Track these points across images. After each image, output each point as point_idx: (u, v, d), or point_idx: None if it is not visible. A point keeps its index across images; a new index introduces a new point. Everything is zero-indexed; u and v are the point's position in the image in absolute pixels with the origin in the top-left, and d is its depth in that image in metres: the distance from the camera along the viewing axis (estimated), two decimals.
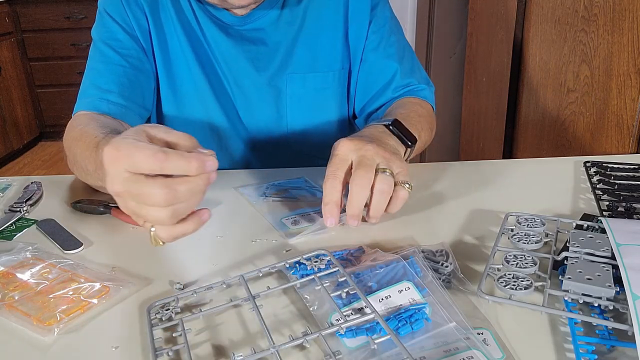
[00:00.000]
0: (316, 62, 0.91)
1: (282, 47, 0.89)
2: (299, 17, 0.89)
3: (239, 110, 0.92)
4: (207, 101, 0.91)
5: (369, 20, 0.90)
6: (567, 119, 1.62)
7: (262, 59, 0.89)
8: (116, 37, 0.85)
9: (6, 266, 0.59)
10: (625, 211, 0.67)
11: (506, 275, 0.52)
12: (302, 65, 0.90)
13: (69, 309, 0.52)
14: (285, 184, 0.80)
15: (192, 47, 0.88)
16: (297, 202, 0.74)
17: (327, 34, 0.90)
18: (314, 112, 0.93)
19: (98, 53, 0.86)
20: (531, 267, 0.53)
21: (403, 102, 0.88)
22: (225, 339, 0.48)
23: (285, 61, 0.89)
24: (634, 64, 1.42)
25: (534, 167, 0.86)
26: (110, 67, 0.84)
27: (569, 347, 0.45)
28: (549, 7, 1.58)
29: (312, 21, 0.89)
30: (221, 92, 0.91)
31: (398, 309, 0.48)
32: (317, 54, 0.90)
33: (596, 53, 1.49)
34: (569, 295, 0.48)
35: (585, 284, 0.48)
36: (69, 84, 3.46)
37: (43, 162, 3.32)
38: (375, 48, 0.91)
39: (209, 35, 0.87)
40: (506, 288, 0.50)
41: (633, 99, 1.45)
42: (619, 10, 1.42)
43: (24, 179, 0.84)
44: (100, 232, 0.68)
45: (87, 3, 3.30)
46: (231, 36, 0.87)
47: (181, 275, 0.58)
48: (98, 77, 0.84)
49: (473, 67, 2.03)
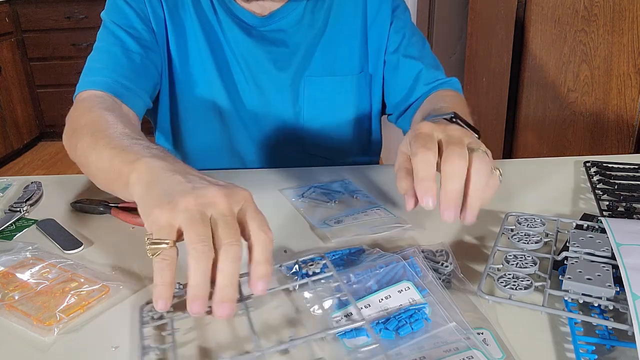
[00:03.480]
0: (334, 66, 0.91)
1: (301, 49, 0.89)
2: (321, 20, 0.89)
3: (256, 109, 0.91)
4: (219, 101, 0.90)
5: (390, 22, 0.91)
6: (567, 119, 1.62)
7: (283, 60, 0.89)
8: (130, 22, 0.84)
9: (6, 266, 0.59)
10: (625, 211, 0.67)
11: (506, 275, 0.52)
12: (321, 68, 0.90)
13: (69, 308, 0.52)
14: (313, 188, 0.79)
15: (209, 46, 0.87)
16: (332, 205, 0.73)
17: (346, 38, 0.90)
18: (330, 115, 0.93)
19: (110, 35, 0.83)
20: (531, 267, 0.53)
21: (441, 95, 0.86)
22: (212, 341, 0.47)
23: (304, 63, 0.90)
24: (634, 64, 1.42)
25: (534, 167, 0.86)
26: (121, 49, 0.82)
27: (569, 347, 0.45)
28: (549, 7, 1.58)
29: (333, 25, 0.89)
30: (235, 92, 0.90)
31: (398, 309, 0.48)
32: (335, 58, 0.91)
33: (596, 53, 1.49)
34: (568, 295, 0.48)
35: (585, 284, 0.48)
36: (69, 84, 3.46)
37: (43, 162, 3.32)
38: (397, 49, 0.91)
39: (230, 35, 0.87)
40: (506, 288, 0.50)
41: (633, 99, 1.45)
42: (619, 10, 1.42)
43: (24, 179, 0.84)
44: (100, 232, 0.68)
45: (87, 3, 3.30)
46: (253, 37, 0.87)
47: (181, 275, 0.58)
48: (107, 58, 0.81)
49: (473, 67, 2.03)
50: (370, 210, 0.70)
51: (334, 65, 0.91)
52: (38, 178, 0.83)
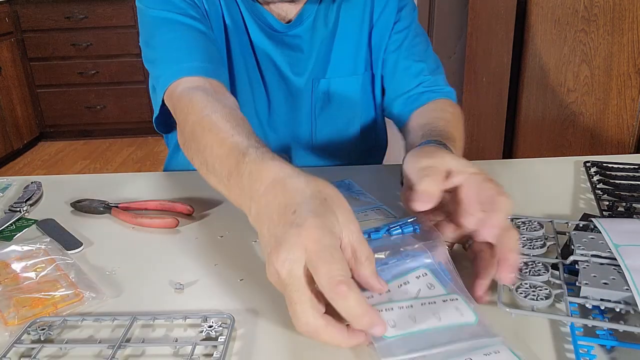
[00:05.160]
0: (344, 66, 0.91)
1: (314, 53, 0.88)
2: (332, 22, 0.88)
3: (270, 110, 0.91)
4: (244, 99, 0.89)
5: (394, 21, 0.90)
6: (567, 119, 1.62)
7: (299, 64, 0.89)
8: (186, 11, 0.79)
9: (9, 257, 0.61)
10: (625, 211, 0.67)
11: (523, 285, 0.51)
12: (332, 69, 0.90)
13: (35, 312, 0.52)
14: None
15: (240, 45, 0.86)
16: None
17: (354, 38, 0.90)
18: (339, 116, 0.93)
19: (170, 23, 0.78)
20: (544, 275, 0.52)
21: (441, 110, 0.85)
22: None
23: (317, 66, 0.89)
24: (634, 64, 1.42)
25: (534, 167, 0.86)
26: (189, 32, 0.78)
27: (569, 347, 0.45)
28: (549, 7, 1.58)
29: (343, 26, 0.89)
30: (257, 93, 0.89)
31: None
32: (345, 58, 0.90)
33: (596, 53, 1.50)
34: (589, 302, 0.47)
35: (603, 288, 0.47)
36: (69, 84, 3.46)
37: (43, 162, 3.32)
38: (398, 48, 0.90)
39: (254, 37, 0.86)
40: (527, 299, 0.49)
41: (633, 99, 1.45)
42: (619, 10, 1.42)
43: (24, 179, 0.84)
44: (100, 232, 0.68)
45: (87, 3, 3.30)
46: (273, 41, 0.86)
47: (181, 275, 0.58)
48: (181, 43, 0.77)
49: (473, 67, 2.03)
50: (370, 210, 0.70)
51: (344, 66, 0.91)
52: (38, 178, 0.83)
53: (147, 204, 0.73)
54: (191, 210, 0.72)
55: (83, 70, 3.43)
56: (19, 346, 0.47)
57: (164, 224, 0.68)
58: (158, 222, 0.68)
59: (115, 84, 3.48)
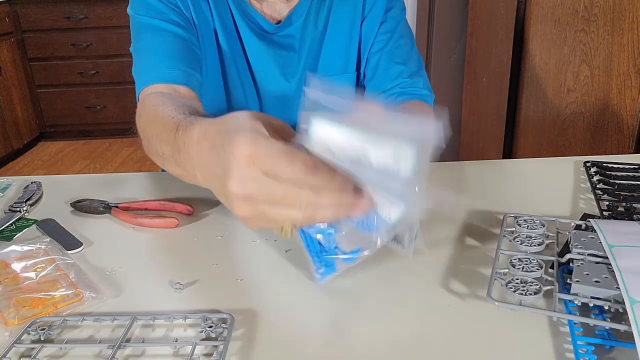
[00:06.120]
0: (334, 65, 0.91)
1: (305, 52, 0.89)
2: (322, 21, 0.88)
3: (262, 111, 0.91)
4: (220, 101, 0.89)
5: (381, 22, 0.90)
6: (567, 119, 1.62)
7: (291, 64, 0.89)
8: (168, 16, 0.80)
9: (9, 257, 0.60)
10: (625, 211, 0.67)
11: (514, 280, 0.51)
12: (323, 68, 0.90)
13: (35, 312, 0.52)
14: None
15: (230, 48, 0.86)
16: None
17: (344, 37, 0.90)
18: None
19: (151, 30, 0.80)
20: (537, 271, 0.52)
21: (410, 110, 0.86)
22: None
23: (308, 66, 0.89)
24: (634, 64, 1.42)
25: (534, 167, 0.86)
26: (166, 38, 0.79)
27: (569, 347, 0.45)
28: (549, 7, 1.58)
29: (333, 25, 0.89)
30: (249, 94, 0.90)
31: None
32: (335, 57, 0.91)
33: (596, 53, 1.50)
34: (578, 299, 0.48)
35: (594, 286, 0.48)
36: (69, 84, 3.45)
37: (43, 162, 3.32)
38: (381, 49, 0.90)
39: (245, 39, 0.86)
40: (515, 293, 0.50)
41: (633, 99, 1.45)
42: (619, 10, 1.42)
43: (24, 179, 0.84)
44: (100, 232, 0.68)
45: (87, 3, 3.30)
46: (265, 41, 0.86)
47: (181, 275, 0.58)
48: (156, 50, 0.78)
49: (473, 67, 2.03)
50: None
51: (335, 64, 0.91)
52: (38, 178, 0.83)
53: (147, 204, 0.73)
54: (191, 210, 0.72)
55: (83, 70, 3.43)
56: (19, 346, 0.47)
57: (164, 224, 0.68)
58: (158, 222, 0.69)
59: (115, 84, 3.47)
